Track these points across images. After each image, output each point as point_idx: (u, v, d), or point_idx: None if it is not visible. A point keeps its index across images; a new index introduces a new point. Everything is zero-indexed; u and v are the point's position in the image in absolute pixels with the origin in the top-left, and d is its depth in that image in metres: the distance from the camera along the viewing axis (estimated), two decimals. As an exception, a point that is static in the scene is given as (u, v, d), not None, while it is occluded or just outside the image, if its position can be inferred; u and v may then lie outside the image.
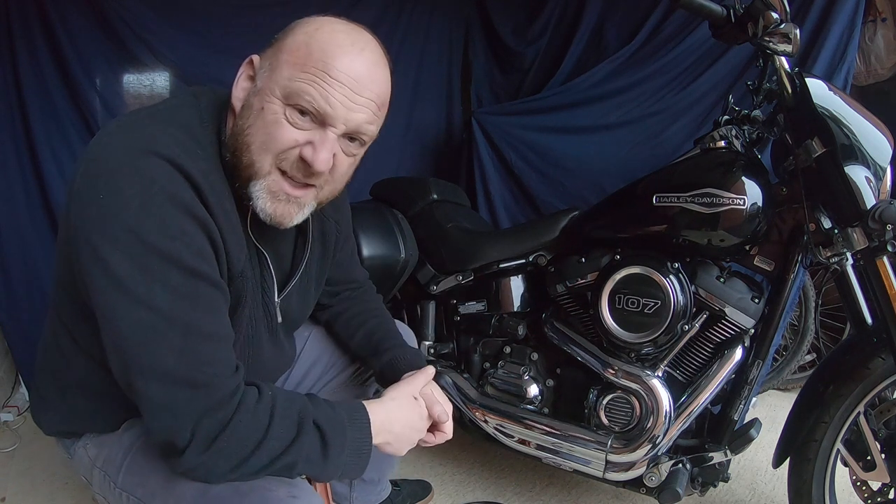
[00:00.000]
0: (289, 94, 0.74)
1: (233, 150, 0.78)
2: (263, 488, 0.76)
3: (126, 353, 0.71)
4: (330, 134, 0.76)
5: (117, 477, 0.87)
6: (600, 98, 2.41)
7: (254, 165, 0.77)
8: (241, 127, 0.78)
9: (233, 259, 0.79)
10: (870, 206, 1.07)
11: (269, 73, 0.76)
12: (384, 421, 0.87)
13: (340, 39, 0.76)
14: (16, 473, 1.76)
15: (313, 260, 1.00)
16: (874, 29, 2.21)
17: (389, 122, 0.86)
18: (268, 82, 0.76)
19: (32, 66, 1.92)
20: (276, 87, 0.75)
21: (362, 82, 0.76)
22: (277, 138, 0.75)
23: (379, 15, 2.56)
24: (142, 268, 0.68)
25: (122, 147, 0.71)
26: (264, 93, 0.76)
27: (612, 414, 1.36)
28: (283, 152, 0.76)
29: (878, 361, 1.14)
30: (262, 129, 0.75)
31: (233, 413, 0.72)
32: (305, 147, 0.76)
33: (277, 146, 0.75)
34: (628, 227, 1.36)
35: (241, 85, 0.80)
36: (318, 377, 1.20)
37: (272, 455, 0.75)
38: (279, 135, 0.75)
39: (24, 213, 1.98)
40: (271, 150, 0.76)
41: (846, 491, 1.26)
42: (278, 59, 0.76)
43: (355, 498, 1.37)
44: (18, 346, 2.05)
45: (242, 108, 0.79)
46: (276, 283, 0.92)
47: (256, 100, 0.76)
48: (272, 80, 0.75)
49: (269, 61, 0.77)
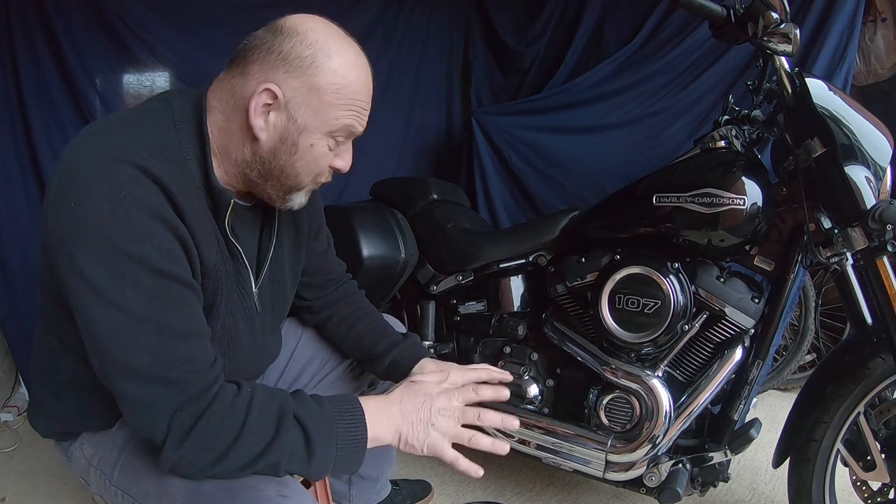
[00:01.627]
0: (335, 130, 0.84)
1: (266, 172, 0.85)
2: (254, 487, 0.77)
3: (104, 354, 0.73)
4: (350, 143, 0.89)
5: (112, 475, 0.87)
6: (600, 98, 2.41)
7: (300, 185, 0.88)
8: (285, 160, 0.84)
9: (205, 256, 0.81)
10: (870, 206, 1.07)
11: (313, 113, 0.82)
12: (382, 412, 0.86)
13: (361, 69, 0.85)
14: (16, 473, 1.76)
15: (284, 248, 1.01)
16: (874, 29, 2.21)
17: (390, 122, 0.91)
18: (314, 122, 0.82)
19: (32, 66, 1.92)
20: (323, 126, 0.83)
21: (371, 98, 0.88)
22: (323, 164, 0.88)
23: (378, 15, 2.56)
24: (114, 272, 0.71)
25: (92, 155, 0.74)
26: (310, 131, 0.83)
27: (612, 414, 1.36)
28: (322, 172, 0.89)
29: (878, 361, 1.13)
30: (312, 162, 0.86)
31: (207, 405, 0.74)
32: (335, 159, 0.88)
33: (320, 169, 0.88)
34: (628, 227, 1.36)
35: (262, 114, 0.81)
36: (314, 374, 1.20)
37: (252, 452, 0.75)
38: (325, 162, 0.87)
39: (24, 212, 1.99)
40: (314, 172, 0.88)
41: (846, 491, 1.26)
42: (320, 101, 0.81)
43: (354, 496, 1.38)
44: (18, 346, 2.05)
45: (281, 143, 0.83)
46: (252, 275, 0.94)
47: (302, 137, 0.83)
48: (318, 120, 0.82)
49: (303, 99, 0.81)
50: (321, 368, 1.21)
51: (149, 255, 0.72)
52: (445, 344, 1.67)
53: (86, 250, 0.71)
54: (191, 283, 0.78)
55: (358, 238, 1.57)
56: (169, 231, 0.74)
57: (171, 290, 0.74)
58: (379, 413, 0.86)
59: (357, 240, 1.57)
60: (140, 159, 0.73)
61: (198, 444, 0.73)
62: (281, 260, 1.01)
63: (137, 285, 0.72)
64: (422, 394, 0.90)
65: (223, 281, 0.86)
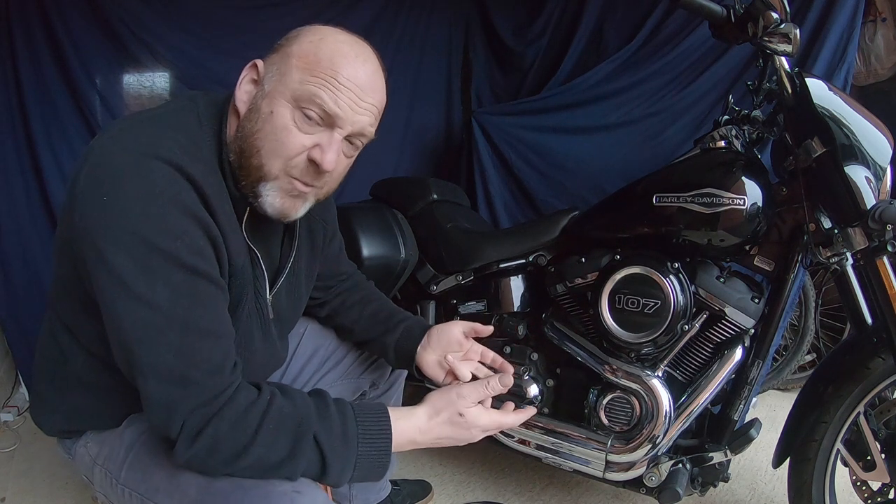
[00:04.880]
0: (299, 96, 0.77)
1: (239, 151, 0.81)
2: (267, 483, 0.77)
3: (129, 350, 0.73)
4: (336, 135, 0.80)
5: (119, 473, 0.87)
6: (600, 98, 2.41)
7: (263, 168, 0.80)
8: (249, 130, 0.80)
9: (233, 257, 0.81)
10: (870, 206, 1.06)
11: (279, 77, 0.79)
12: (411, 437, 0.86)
13: (345, 50, 0.80)
14: (16, 473, 1.76)
15: (301, 258, 1.01)
16: (874, 29, 2.21)
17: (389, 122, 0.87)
18: (277, 86, 0.78)
19: (32, 66, 1.92)
20: (286, 90, 0.78)
21: (365, 89, 0.80)
22: (287, 144, 0.78)
23: (378, 14, 2.56)
24: (144, 268, 0.71)
25: (125, 151, 0.74)
26: (273, 96, 0.78)
27: (612, 414, 1.36)
28: (292, 158, 0.79)
29: (878, 361, 1.13)
30: (271, 135, 0.78)
31: (219, 408, 0.74)
32: (314, 149, 0.79)
33: (287, 152, 0.79)
34: (628, 227, 1.36)
35: (245, 88, 0.82)
36: (314, 371, 1.20)
37: (263, 463, 0.75)
38: (289, 141, 0.78)
39: (24, 212, 1.99)
40: (281, 156, 0.79)
41: (846, 491, 1.26)
42: (287, 65, 0.78)
43: (355, 496, 1.38)
44: (18, 346, 2.05)
45: (249, 111, 0.81)
46: (268, 282, 0.94)
47: (265, 103, 0.79)
48: (282, 84, 0.78)
49: (276, 66, 0.80)
50: (321, 366, 1.21)
51: (180, 252, 0.72)
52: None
53: (117, 245, 0.71)
54: (219, 282, 0.78)
55: (358, 238, 1.57)
56: (201, 229, 0.75)
57: (200, 287, 0.74)
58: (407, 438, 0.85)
59: (357, 240, 1.57)
60: (174, 157, 0.73)
61: (206, 448, 0.74)
62: (298, 269, 1.01)
63: (167, 282, 0.72)
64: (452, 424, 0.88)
65: (249, 283, 0.87)
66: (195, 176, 0.74)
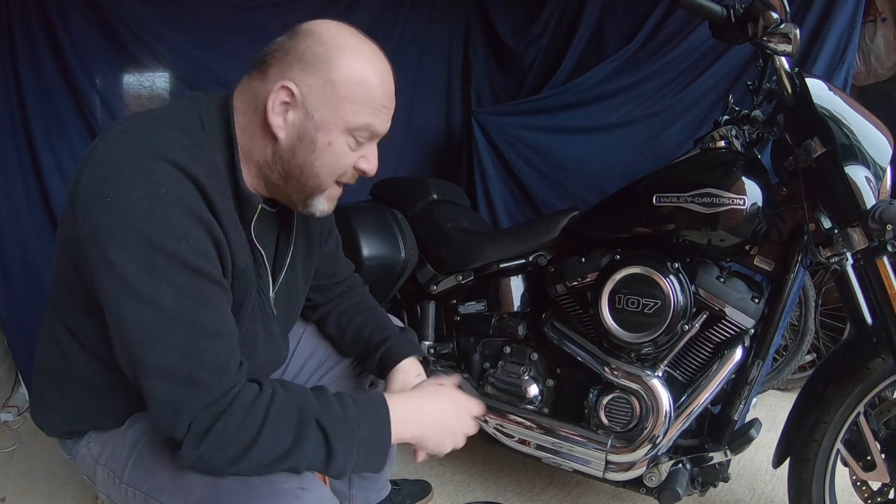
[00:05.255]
0: (355, 127, 0.83)
1: (286, 175, 0.85)
2: (273, 480, 0.77)
3: (133, 351, 0.73)
4: (375, 144, 0.88)
5: (122, 473, 0.87)
6: (600, 98, 2.40)
7: (321, 186, 0.87)
8: (304, 159, 0.83)
9: (236, 258, 0.81)
10: (870, 206, 1.06)
11: (329, 109, 0.81)
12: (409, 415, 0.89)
13: (379, 66, 0.85)
14: (16, 473, 1.76)
15: (298, 254, 1.01)
16: (874, 29, 2.21)
17: None
18: (330, 118, 0.81)
19: (32, 66, 1.92)
20: (340, 122, 0.82)
21: (393, 99, 0.88)
22: (344, 164, 0.86)
23: (378, 14, 2.56)
24: (148, 268, 0.71)
25: (129, 151, 0.74)
26: (328, 128, 0.82)
27: (612, 414, 1.36)
28: (345, 173, 0.87)
29: (878, 361, 1.13)
30: (331, 161, 0.84)
31: (226, 407, 0.74)
32: (360, 161, 0.87)
33: (343, 170, 0.86)
34: (628, 227, 1.36)
35: (281, 112, 0.81)
36: (313, 371, 1.21)
37: (270, 455, 0.76)
38: (346, 161, 0.86)
39: (24, 213, 1.98)
40: (337, 173, 0.86)
41: (846, 491, 1.26)
42: (336, 95, 0.81)
43: (354, 496, 1.37)
44: (18, 346, 2.05)
45: (299, 140, 0.82)
46: (270, 280, 0.94)
47: (320, 135, 0.82)
48: (334, 116, 0.81)
49: (319, 94, 0.81)
50: (320, 366, 1.21)
51: (184, 252, 0.72)
52: (445, 344, 1.67)
53: (121, 245, 0.71)
54: (222, 283, 0.78)
55: (358, 238, 1.57)
56: (204, 230, 0.75)
57: (204, 288, 0.75)
58: (405, 415, 0.87)
59: (357, 240, 1.57)
60: (178, 157, 0.74)
61: (214, 446, 0.74)
62: (296, 265, 1.01)
63: (171, 283, 0.72)
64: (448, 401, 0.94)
65: (252, 283, 0.87)
66: (198, 176, 0.74)
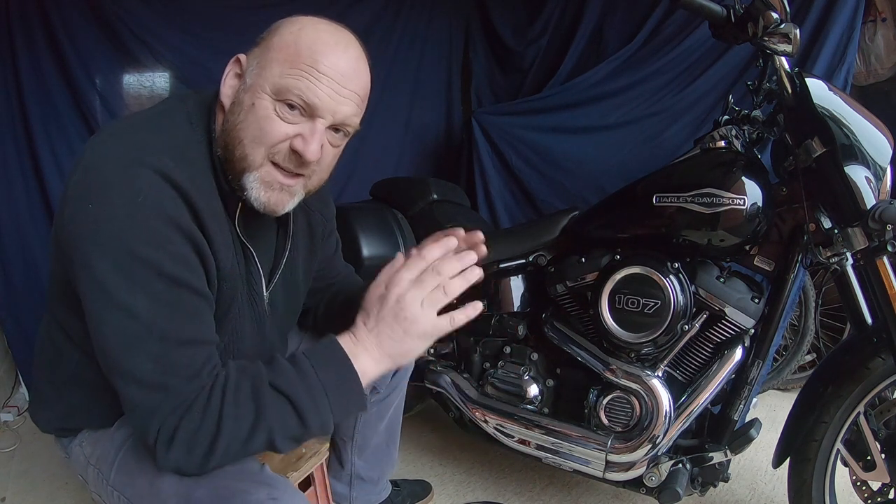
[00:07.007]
0: (279, 89, 0.77)
1: (224, 145, 0.82)
2: (243, 492, 0.77)
3: (109, 356, 0.74)
4: (318, 125, 0.80)
5: (110, 475, 0.88)
6: (600, 98, 2.41)
7: (247, 158, 0.80)
8: (232, 123, 0.81)
9: (221, 261, 0.81)
10: (870, 206, 1.07)
11: (259, 70, 0.79)
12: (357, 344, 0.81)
13: (326, 38, 0.80)
14: (16, 473, 1.76)
15: (298, 252, 1.00)
16: (874, 29, 2.21)
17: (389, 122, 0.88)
18: (257, 79, 0.79)
19: (32, 66, 1.92)
20: (266, 83, 0.78)
21: (347, 76, 0.80)
22: (269, 132, 0.78)
23: (378, 14, 2.56)
24: (126, 275, 0.71)
25: (113, 157, 0.74)
26: (254, 89, 0.79)
27: (612, 414, 1.36)
28: (274, 145, 0.79)
29: (878, 361, 1.13)
30: (253, 124, 0.79)
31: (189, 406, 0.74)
32: (296, 139, 0.79)
33: (269, 140, 0.79)
34: (628, 227, 1.36)
35: (229, 83, 0.83)
36: None
37: (239, 437, 0.74)
38: (270, 129, 0.78)
39: (24, 212, 1.99)
40: (264, 144, 0.79)
41: (846, 491, 1.26)
42: (267, 58, 0.79)
43: (355, 498, 1.38)
44: (18, 346, 2.05)
45: (232, 104, 0.82)
46: (263, 278, 0.93)
47: (247, 96, 0.80)
48: (262, 77, 0.79)
49: (256, 59, 0.80)
50: None
51: (162, 261, 0.72)
52: (445, 344, 1.67)
53: (100, 252, 0.71)
54: (203, 293, 0.78)
55: (358, 238, 1.57)
56: (185, 238, 0.75)
57: (182, 298, 0.75)
58: (354, 345, 0.81)
59: (357, 240, 1.57)
60: (160, 164, 0.74)
61: (183, 445, 0.73)
62: (296, 264, 1.00)
63: (148, 291, 0.72)
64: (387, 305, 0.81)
65: (241, 283, 0.87)
66: (181, 182, 0.74)
